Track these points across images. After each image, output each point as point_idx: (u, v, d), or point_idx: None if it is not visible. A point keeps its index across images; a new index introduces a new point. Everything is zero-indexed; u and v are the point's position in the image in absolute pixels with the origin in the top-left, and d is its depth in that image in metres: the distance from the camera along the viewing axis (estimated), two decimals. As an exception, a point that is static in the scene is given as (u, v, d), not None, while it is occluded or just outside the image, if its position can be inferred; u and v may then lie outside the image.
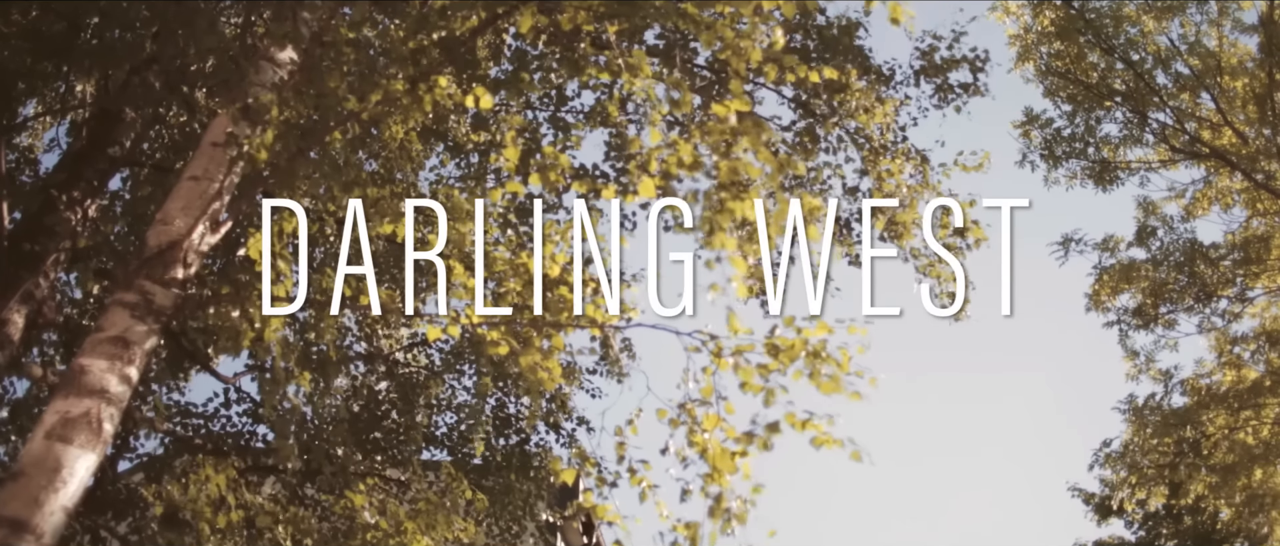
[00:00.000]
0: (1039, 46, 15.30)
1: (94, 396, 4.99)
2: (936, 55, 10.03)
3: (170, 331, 9.29)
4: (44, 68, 9.46)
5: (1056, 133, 15.44)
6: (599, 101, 8.82)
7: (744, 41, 4.39)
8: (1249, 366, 15.75)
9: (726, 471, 4.46)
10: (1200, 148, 15.33)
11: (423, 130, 7.93)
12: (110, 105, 9.11)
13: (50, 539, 4.65)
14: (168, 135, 10.36)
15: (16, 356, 8.39)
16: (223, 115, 5.92)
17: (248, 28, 8.42)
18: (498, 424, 11.50)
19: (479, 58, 8.42)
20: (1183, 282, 15.54)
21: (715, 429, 4.57)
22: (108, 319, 5.29)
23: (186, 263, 5.51)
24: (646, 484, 4.88)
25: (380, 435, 10.86)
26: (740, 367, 4.59)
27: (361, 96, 5.50)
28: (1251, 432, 15.35)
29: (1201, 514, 20.21)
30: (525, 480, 10.94)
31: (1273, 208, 15.25)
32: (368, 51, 5.97)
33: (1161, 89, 15.10)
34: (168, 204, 5.70)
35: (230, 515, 6.83)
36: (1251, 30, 14.66)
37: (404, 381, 11.19)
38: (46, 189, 8.89)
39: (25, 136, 11.11)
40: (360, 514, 7.57)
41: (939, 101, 10.10)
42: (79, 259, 9.12)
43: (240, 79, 6.47)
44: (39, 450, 4.83)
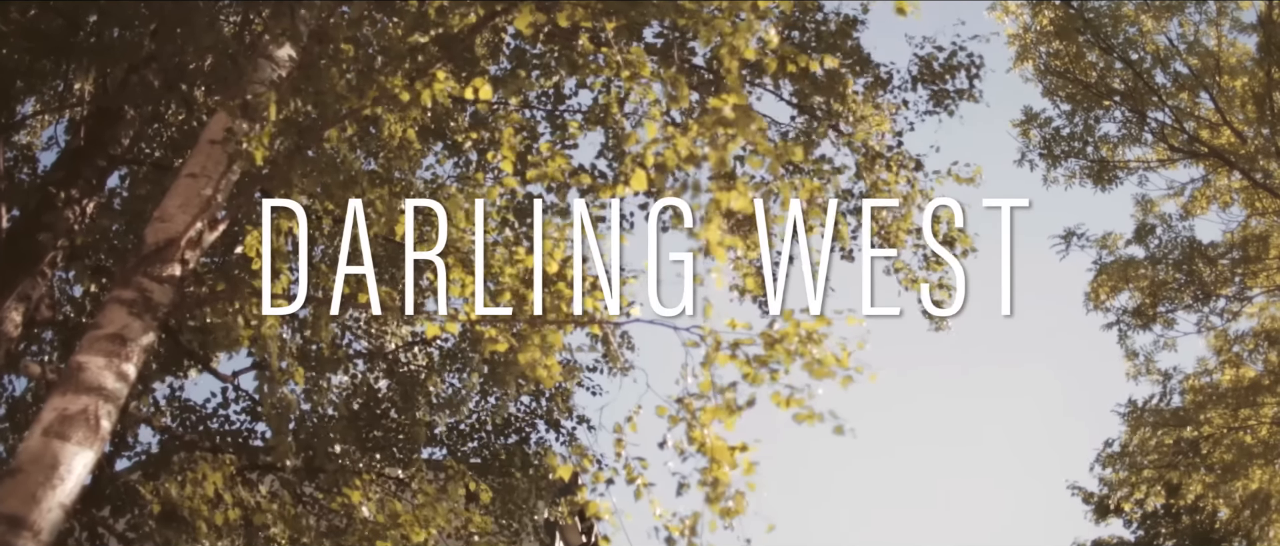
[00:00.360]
0: (1038, 46, 15.31)
1: (92, 393, 4.99)
2: (934, 62, 10.05)
3: (169, 329, 9.30)
4: (42, 66, 9.46)
5: (1055, 132, 15.46)
6: (597, 101, 8.83)
7: (741, 36, 4.39)
8: (1248, 365, 15.76)
9: (725, 463, 4.47)
10: (1199, 147, 15.34)
11: (421, 129, 7.93)
12: (108, 103, 9.11)
13: (48, 535, 4.65)
14: (166, 133, 10.35)
15: (14, 354, 8.39)
16: (221, 113, 5.92)
17: (246, 26, 8.42)
18: (497, 423, 11.51)
19: (477, 56, 8.42)
20: (1182, 281, 15.55)
21: (713, 422, 4.58)
22: (105, 316, 5.29)
23: (184, 260, 5.51)
24: (642, 482, 4.89)
25: (380, 433, 10.87)
26: (737, 360, 4.61)
27: (360, 93, 5.51)
28: (1250, 432, 15.36)
29: (1200, 513, 20.21)
30: (524, 478, 10.94)
31: (1271, 207, 15.26)
32: (366, 49, 5.97)
33: (1160, 88, 15.11)
34: (166, 201, 5.70)
35: (227, 513, 6.84)
36: (1250, 30, 14.67)
37: (404, 379, 11.19)
38: (45, 187, 8.89)
39: (24, 135, 11.10)
40: (357, 510, 7.57)
41: (934, 107, 10.13)
42: (77, 257, 9.12)
43: (238, 77, 6.47)
44: (37, 447, 4.83)
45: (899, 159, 9.47)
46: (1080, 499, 22.45)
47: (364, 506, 7.62)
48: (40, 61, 9.36)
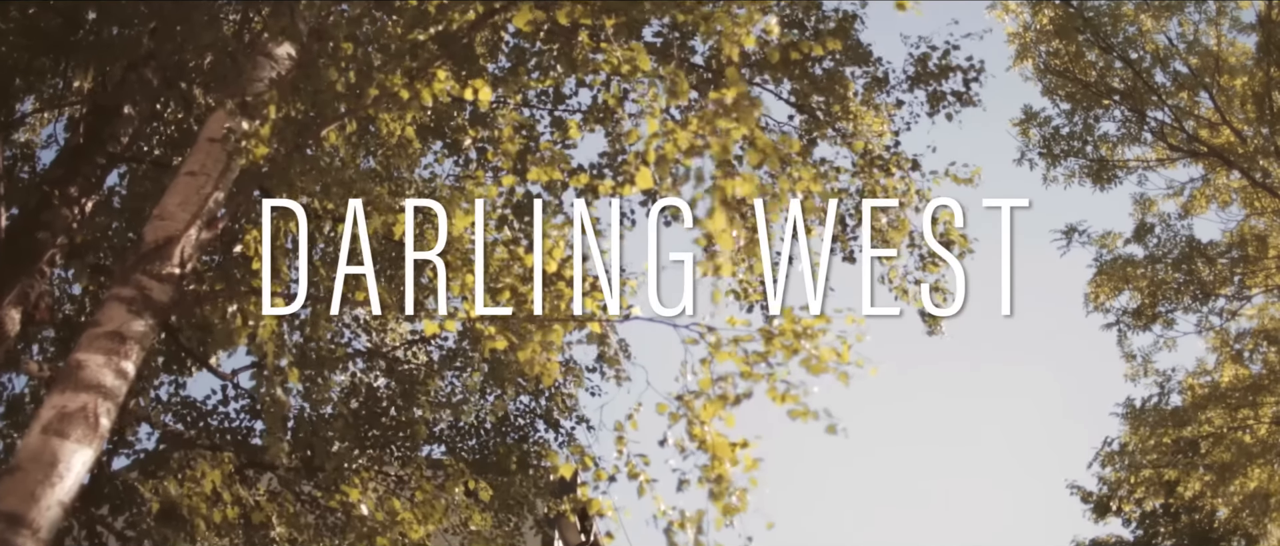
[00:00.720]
0: (1037, 45, 15.32)
1: (91, 391, 4.98)
2: (930, 62, 10.06)
3: (168, 327, 9.29)
4: (41, 64, 9.45)
5: (1055, 131, 15.47)
6: (596, 100, 8.83)
7: (741, 27, 4.38)
8: (1246, 365, 15.76)
9: (726, 459, 4.47)
10: (1198, 146, 15.34)
11: (420, 128, 7.93)
12: (107, 100, 9.10)
13: (47, 533, 4.64)
14: (165, 132, 10.34)
15: (13, 353, 8.38)
16: (220, 110, 5.92)
17: (245, 24, 8.42)
18: (495, 421, 11.50)
19: (476, 55, 8.42)
20: (1181, 281, 15.55)
21: (713, 419, 4.58)
22: (104, 314, 5.28)
23: (184, 257, 5.50)
24: (644, 478, 4.89)
25: (377, 432, 10.86)
26: (737, 357, 4.61)
27: (359, 91, 5.50)
28: (1249, 432, 15.36)
29: (1199, 513, 20.22)
30: (523, 477, 10.94)
31: (1271, 206, 15.26)
32: (366, 47, 5.96)
33: (1160, 87, 15.11)
34: (165, 199, 5.69)
35: (226, 510, 6.83)
36: (1250, 29, 14.68)
37: (403, 377, 11.18)
38: (43, 185, 8.87)
39: (23, 133, 11.09)
40: (356, 507, 7.57)
41: (932, 109, 10.13)
42: (76, 255, 9.11)
43: (238, 75, 6.46)
44: (35, 445, 4.82)
45: (897, 160, 9.48)
46: (1079, 498, 22.47)
47: (362, 504, 7.61)
48: (39, 59, 9.34)
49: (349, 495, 7.65)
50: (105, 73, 9.46)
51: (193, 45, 8.48)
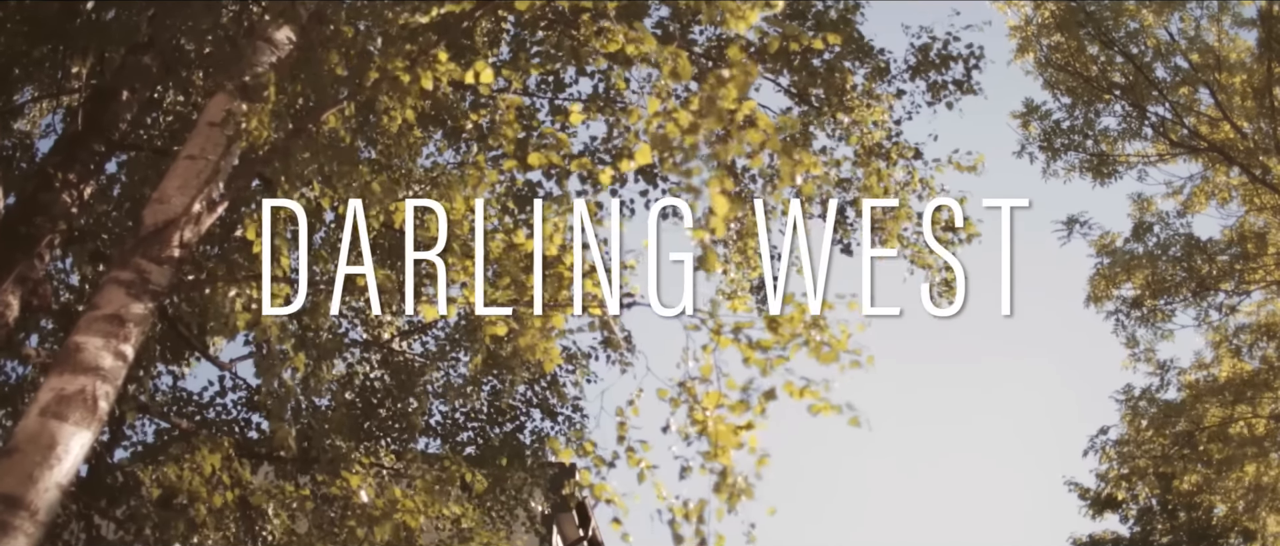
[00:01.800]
0: (1039, 39, 15.31)
1: (89, 373, 4.96)
2: (931, 52, 10.03)
3: (167, 316, 9.26)
4: (40, 52, 9.41)
5: (1055, 125, 15.48)
6: (597, 89, 8.81)
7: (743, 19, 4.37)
8: (1245, 360, 15.76)
9: (730, 446, 4.44)
10: (1198, 142, 15.34)
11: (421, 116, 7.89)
12: (106, 85, 9.06)
13: (45, 515, 4.62)
14: (164, 118, 10.31)
15: (11, 339, 8.35)
16: (220, 95, 5.89)
17: (245, 9, 8.39)
18: (491, 412, 11.46)
19: (477, 43, 8.39)
20: (1180, 277, 15.54)
21: (716, 406, 4.55)
22: (103, 297, 5.26)
23: (183, 241, 5.48)
24: (645, 464, 4.86)
25: (372, 424, 10.83)
26: (739, 344, 4.58)
27: (359, 75, 5.48)
28: (1247, 427, 15.36)
29: (1196, 508, 20.24)
30: (519, 469, 10.91)
31: (1271, 203, 15.25)
32: (365, 31, 5.94)
33: (1160, 83, 15.11)
34: (164, 183, 5.67)
35: (226, 494, 6.81)
36: (1250, 25, 14.68)
37: (400, 368, 11.16)
38: (42, 171, 8.84)
39: (22, 122, 11.05)
40: (355, 494, 7.55)
41: (932, 98, 10.11)
42: (74, 242, 9.08)
43: (237, 60, 6.43)
44: (34, 427, 4.80)
45: (898, 148, 9.45)
46: (1077, 494, 22.48)
47: (362, 491, 7.60)
48: (37, 47, 9.30)
49: (349, 482, 7.64)
50: (104, 59, 9.43)
51: (192, 31, 8.45)
